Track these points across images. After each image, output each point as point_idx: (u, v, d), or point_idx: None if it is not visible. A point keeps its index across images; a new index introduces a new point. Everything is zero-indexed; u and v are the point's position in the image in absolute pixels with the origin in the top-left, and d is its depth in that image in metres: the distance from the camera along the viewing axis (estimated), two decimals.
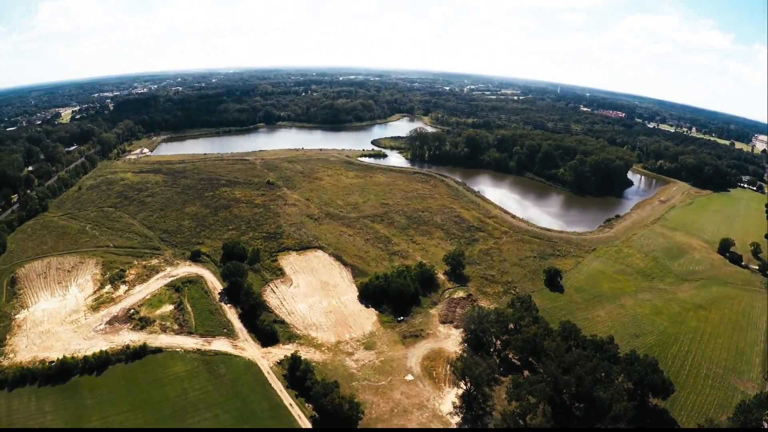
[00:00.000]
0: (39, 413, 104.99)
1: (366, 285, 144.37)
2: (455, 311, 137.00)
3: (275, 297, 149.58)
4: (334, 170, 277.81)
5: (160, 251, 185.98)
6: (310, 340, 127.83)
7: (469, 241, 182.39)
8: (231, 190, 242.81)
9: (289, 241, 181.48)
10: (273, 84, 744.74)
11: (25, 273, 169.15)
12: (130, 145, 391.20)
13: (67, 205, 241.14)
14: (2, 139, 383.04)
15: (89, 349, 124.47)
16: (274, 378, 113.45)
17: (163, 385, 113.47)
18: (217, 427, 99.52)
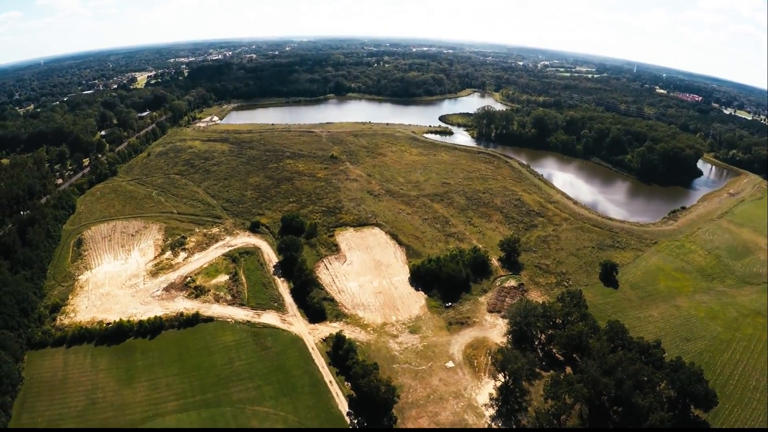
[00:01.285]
0: (93, 370, 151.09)
1: (418, 267, 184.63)
2: (504, 300, 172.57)
3: (328, 273, 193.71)
4: (398, 146, 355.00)
5: (221, 220, 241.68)
6: (357, 319, 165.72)
7: (528, 227, 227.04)
8: (294, 163, 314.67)
9: (347, 216, 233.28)
10: (346, 54, 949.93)
11: (91, 235, 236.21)
12: (200, 112, 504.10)
13: (136, 171, 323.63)
14: (78, 104, 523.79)
15: (145, 314, 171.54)
16: (318, 354, 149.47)
17: (211, 353, 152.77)
18: (258, 396, 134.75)
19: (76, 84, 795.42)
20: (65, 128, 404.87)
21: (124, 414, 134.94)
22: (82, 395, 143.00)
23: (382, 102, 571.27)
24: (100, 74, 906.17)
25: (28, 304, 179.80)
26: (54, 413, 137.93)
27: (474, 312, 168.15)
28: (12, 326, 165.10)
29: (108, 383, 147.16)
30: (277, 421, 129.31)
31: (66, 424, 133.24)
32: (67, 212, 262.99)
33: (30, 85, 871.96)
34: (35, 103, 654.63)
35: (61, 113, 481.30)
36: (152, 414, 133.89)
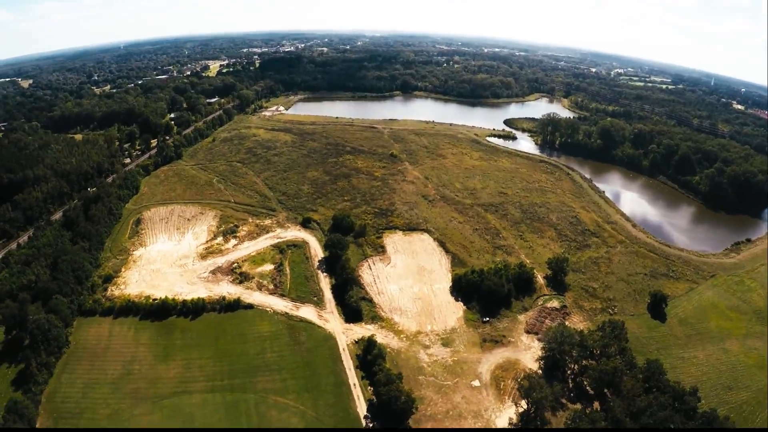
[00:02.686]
0: (134, 343, 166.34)
1: (460, 277, 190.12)
2: (544, 322, 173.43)
3: (370, 274, 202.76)
4: (459, 148, 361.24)
5: (274, 213, 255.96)
6: (392, 324, 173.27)
7: (580, 246, 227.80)
8: (354, 159, 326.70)
9: (398, 220, 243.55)
10: (416, 51, 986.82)
11: (150, 215, 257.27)
12: (267, 102, 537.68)
13: (200, 156, 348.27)
14: (151, 87, 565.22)
15: (189, 294, 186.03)
16: (348, 356, 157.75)
17: (246, 340, 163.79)
18: (282, 388, 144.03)
19: (152, 69, 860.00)
20: (137, 109, 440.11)
21: (155, 387, 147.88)
22: (120, 365, 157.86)
23: (447, 102, 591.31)
24: (175, 60, 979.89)
25: (83, 273, 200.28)
26: (91, 378, 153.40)
27: (511, 330, 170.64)
28: (66, 292, 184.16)
29: (146, 357, 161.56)
30: (295, 414, 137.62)
31: (100, 390, 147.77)
32: (131, 192, 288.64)
33: (108, 67, 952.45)
34: (112, 84, 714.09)
35: (134, 95, 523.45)
36: (180, 391, 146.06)
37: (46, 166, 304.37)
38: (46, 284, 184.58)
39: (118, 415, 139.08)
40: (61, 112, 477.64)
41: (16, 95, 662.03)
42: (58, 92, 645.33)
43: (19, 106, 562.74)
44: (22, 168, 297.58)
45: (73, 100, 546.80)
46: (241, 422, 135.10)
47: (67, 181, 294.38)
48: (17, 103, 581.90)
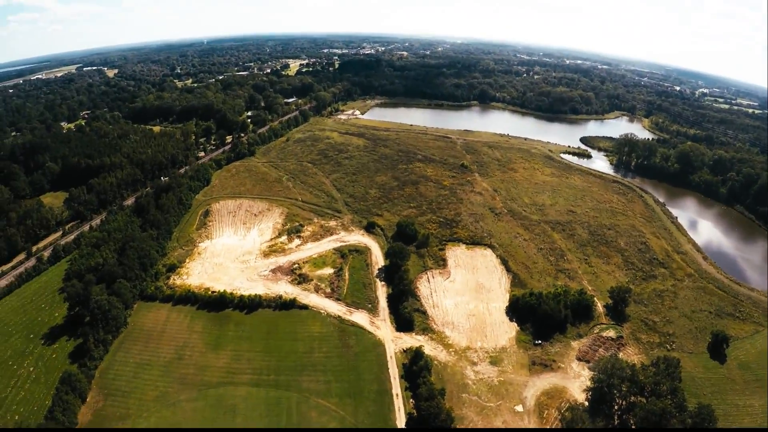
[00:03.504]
0: (188, 330, 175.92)
1: (517, 298, 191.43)
2: (597, 351, 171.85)
3: (428, 287, 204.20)
4: (531, 163, 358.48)
5: (340, 215, 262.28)
6: (442, 338, 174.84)
7: (646, 276, 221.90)
8: (424, 167, 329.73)
9: (462, 232, 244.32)
10: (496, 60, 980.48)
11: (218, 208, 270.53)
12: (344, 104, 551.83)
13: (272, 154, 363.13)
14: (230, 84, 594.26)
15: (248, 290, 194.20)
16: (394, 364, 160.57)
17: (296, 339, 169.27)
18: (325, 390, 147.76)
19: (233, 65, 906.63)
20: (215, 105, 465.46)
21: (203, 375, 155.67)
22: (173, 349, 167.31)
23: (524, 115, 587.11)
24: (256, 57, 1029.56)
25: (149, 260, 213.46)
26: (144, 359, 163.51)
27: (562, 356, 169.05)
28: (130, 277, 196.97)
29: (197, 344, 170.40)
30: (335, 418, 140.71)
31: (151, 372, 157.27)
32: (201, 184, 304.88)
33: (191, 61, 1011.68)
34: (193, 78, 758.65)
35: (214, 91, 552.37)
36: (227, 381, 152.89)
37: (123, 154, 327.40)
38: (112, 268, 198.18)
39: (165, 398, 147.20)
40: (142, 103, 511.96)
41: (101, 84, 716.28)
42: (141, 83, 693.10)
43: (103, 95, 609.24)
44: (100, 155, 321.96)
45: (155, 92, 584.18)
46: (280, 420, 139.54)
47: (141, 170, 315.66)
48: (102, 93, 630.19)
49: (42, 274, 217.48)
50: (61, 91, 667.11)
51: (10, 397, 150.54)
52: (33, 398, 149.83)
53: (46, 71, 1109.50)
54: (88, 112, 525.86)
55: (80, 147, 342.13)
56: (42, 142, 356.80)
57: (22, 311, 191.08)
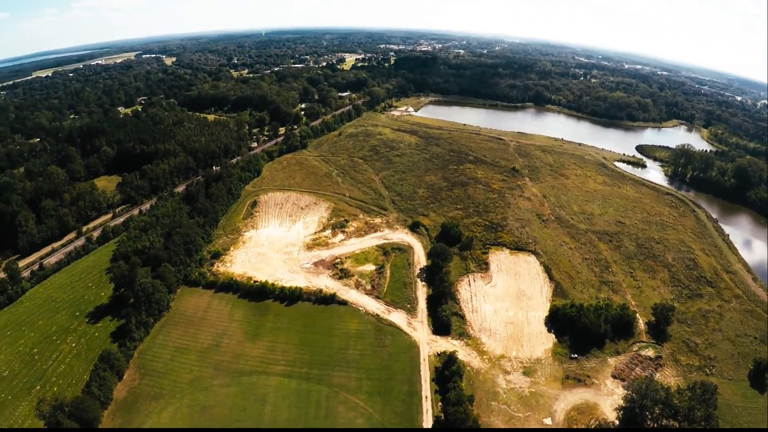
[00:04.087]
0: (228, 318, 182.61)
1: (557, 309, 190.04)
2: (634, 369, 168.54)
3: (468, 290, 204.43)
4: (583, 170, 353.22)
5: (386, 212, 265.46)
6: (478, 344, 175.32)
7: (692, 295, 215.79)
8: (474, 168, 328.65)
9: (507, 237, 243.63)
10: (553, 62, 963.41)
11: (266, 200, 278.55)
12: (398, 101, 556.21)
13: (324, 148, 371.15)
14: (285, 76, 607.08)
15: (289, 282, 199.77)
16: (426, 367, 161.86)
17: (332, 334, 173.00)
18: (356, 387, 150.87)
19: (289, 57, 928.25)
20: (269, 96, 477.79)
21: (238, 362, 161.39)
22: (211, 336, 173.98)
23: (580, 120, 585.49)
24: (313, 50, 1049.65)
25: (194, 246, 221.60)
26: (182, 343, 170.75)
27: (597, 372, 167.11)
28: (175, 262, 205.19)
29: (236, 333, 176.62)
30: (362, 415, 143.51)
31: (188, 356, 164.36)
32: (252, 175, 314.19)
33: (248, 52, 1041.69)
34: (249, 69, 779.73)
35: (269, 82, 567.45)
36: (260, 371, 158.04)
37: (177, 141, 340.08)
38: (158, 252, 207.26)
39: (199, 381, 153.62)
40: (198, 92, 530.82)
41: (159, 72, 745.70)
42: (198, 72, 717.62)
43: (160, 82, 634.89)
44: (154, 141, 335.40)
45: (211, 81, 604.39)
46: (308, 412, 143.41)
47: (194, 158, 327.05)
48: (159, 80, 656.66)
49: (90, 253, 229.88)
50: (120, 77, 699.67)
51: (51, 369, 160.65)
52: (72, 372, 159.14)
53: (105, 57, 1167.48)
54: (145, 99, 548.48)
55: (135, 132, 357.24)
56: (99, 126, 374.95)
57: (70, 289, 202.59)
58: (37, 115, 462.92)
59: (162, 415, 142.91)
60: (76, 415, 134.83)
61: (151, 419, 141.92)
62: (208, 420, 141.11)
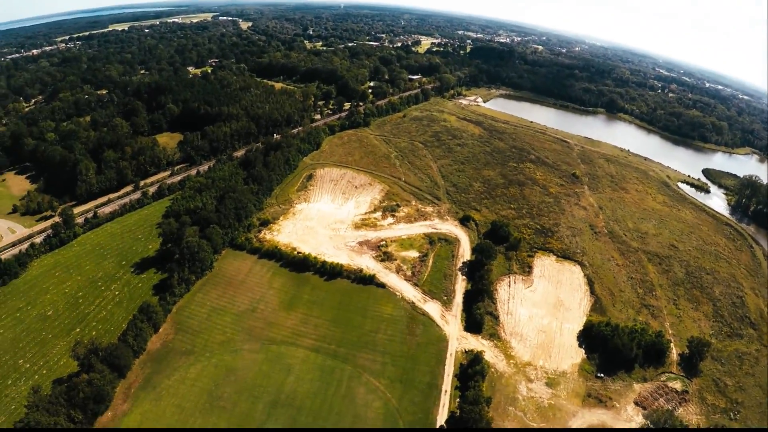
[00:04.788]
0: (267, 285, 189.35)
1: (592, 325, 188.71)
2: (658, 400, 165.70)
3: (507, 291, 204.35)
4: (644, 186, 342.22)
5: (439, 202, 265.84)
6: (507, 347, 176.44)
7: (731, 334, 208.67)
8: (534, 169, 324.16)
9: (556, 244, 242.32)
10: (632, 71, 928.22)
11: (322, 174, 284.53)
12: (467, 90, 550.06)
13: (386, 128, 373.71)
14: (358, 53, 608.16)
15: (331, 257, 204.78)
16: (452, 362, 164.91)
17: (365, 315, 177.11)
18: (379, 371, 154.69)
19: (365, 33, 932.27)
20: (339, 71, 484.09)
21: (270, 330, 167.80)
22: (248, 301, 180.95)
23: (650, 133, 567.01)
24: (389, 29, 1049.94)
25: (245, 212, 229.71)
26: (219, 304, 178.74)
27: (620, 396, 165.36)
28: (223, 225, 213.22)
29: (272, 300, 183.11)
30: (380, 399, 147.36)
31: (223, 317, 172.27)
32: (311, 147, 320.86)
33: (325, 24, 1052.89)
34: (324, 41, 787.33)
35: (341, 57, 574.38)
36: (289, 342, 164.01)
37: (241, 106, 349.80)
38: (209, 214, 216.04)
39: (230, 344, 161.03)
40: (269, 60, 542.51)
41: (233, 35, 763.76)
42: (272, 39, 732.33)
43: (233, 46, 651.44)
44: (219, 104, 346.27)
45: (283, 50, 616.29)
46: (329, 389, 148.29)
47: (256, 124, 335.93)
48: (232, 44, 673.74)
49: (144, 207, 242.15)
50: (194, 37, 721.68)
51: (93, 314, 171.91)
52: (112, 319, 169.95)
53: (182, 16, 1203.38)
54: (216, 61, 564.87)
55: (202, 93, 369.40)
56: (166, 83, 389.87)
57: (120, 239, 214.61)
58: (108, 67, 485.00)
59: (189, 371, 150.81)
60: (108, 361, 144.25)
61: (179, 373, 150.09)
62: (232, 382, 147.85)
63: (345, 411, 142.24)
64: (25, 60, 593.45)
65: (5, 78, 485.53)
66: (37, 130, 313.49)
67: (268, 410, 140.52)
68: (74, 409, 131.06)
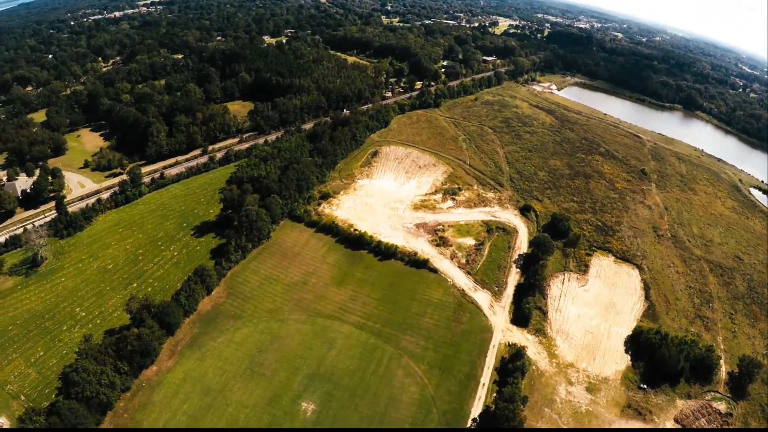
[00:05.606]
0: (321, 258, 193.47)
1: (640, 332, 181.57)
2: (699, 420, 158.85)
3: (559, 288, 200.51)
4: (714, 189, 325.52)
5: (501, 189, 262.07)
6: (551, 345, 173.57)
7: None
8: (602, 162, 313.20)
9: (616, 244, 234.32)
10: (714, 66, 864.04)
11: (387, 152, 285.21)
12: (542, 75, 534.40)
13: (456, 110, 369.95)
14: (433, 31, 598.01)
15: (387, 238, 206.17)
16: (493, 354, 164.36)
17: (414, 298, 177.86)
18: (419, 355, 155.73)
19: (443, 11, 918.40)
20: (413, 49, 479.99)
21: (318, 304, 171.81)
22: (301, 273, 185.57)
23: (727, 134, 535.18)
24: (468, 8, 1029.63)
25: (306, 184, 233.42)
26: (272, 273, 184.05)
27: (660, 410, 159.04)
28: (284, 195, 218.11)
29: (324, 275, 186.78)
30: (416, 384, 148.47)
31: (274, 286, 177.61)
32: (379, 125, 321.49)
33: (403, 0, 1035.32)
34: (400, 17, 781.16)
35: (416, 35, 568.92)
36: (335, 316, 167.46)
37: (312, 79, 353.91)
38: (271, 183, 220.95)
39: (278, 312, 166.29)
40: (344, 33, 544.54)
41: (311, 7, 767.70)
42: (349, 13, 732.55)
43: (309, 18, 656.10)
44: (291, 75, 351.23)
45: (359, 25, 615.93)
46: (368, 367, 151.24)
47: (326, 98, 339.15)
48: (309, 15, 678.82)
49: (210, 171, 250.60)
50: (272, 7, 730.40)
51: (150, 271, 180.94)
52: (168, 278, 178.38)
53: None
54: (292, 32, 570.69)
55: (275, 64, 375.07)
56: (241, 52, 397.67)
57: (183, 201, 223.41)
58: (186, 33, 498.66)
59: (235, 335, 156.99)
60: (159, 318, 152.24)
61: (225, 336, 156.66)
62: (275, 350, 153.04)
63: (381, 391, 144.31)
64: (107, 21, 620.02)
65: (86, 38, 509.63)
66: (113, 91, 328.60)
67: (306, 382, 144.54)
68: (121, 361, 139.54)
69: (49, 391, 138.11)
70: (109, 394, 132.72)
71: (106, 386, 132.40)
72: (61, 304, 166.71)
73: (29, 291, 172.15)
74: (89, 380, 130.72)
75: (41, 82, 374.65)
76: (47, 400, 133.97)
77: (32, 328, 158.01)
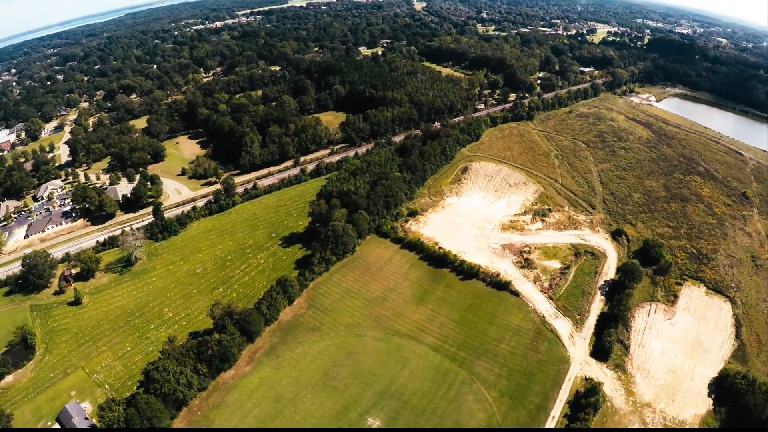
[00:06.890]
0: (403, 276, 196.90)
1: (727, 375, 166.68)
2: None
3: (644, 321, 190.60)
4: None
5: (593, 211, 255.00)
6: (630, 383, 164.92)
7: None
8: (701, 183, 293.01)
9: (710, 273, 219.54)
10: None
11: (477, 168, 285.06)
12: (641, 87, 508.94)
13: (549, 123, 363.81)
14: (529, 41, 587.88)
15: (471, 257, 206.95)
16: (568, 387, 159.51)
17: (492, 322, 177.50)
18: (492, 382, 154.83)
19: (539, 18, 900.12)
20: (508, 60, 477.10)
21: (396, 321, 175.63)
22: (381, 288, 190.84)
23: None
24: (564, 14, 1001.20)
25: (394, 200, 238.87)
26: (354, 287, 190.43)
27: None
28: (372, 211, 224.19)
29: (404, 292, 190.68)
30: (485, 411, 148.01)
31: (354, 300, 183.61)
32: (470, 138, 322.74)
33: (499, 7, 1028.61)
34: (496, 25, 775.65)
35: (511, 45, 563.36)
36: (412, 336, 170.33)
37: (405, 92, 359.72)
38: (359, 199, 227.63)
39: (355, 328, 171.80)
40: (439, 44, 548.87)
41: (406, 16, 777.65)
42: (444, 22, 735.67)
43: (405, 27, 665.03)
44: (384, 88, 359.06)
45: (454, 34, 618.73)
46: (439, 390, 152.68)
47: (418, 111, 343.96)
48: (404, 25, 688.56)
49: (301, 183, 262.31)
50: (368, 16, 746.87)
51: (237, 277, 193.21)
52: (253, 285, 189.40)
53: None
54: (388, 42, 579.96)
55: (369, 77, 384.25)
56: (336, 64, 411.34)
57: (274, 212, 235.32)
58: (284, 44, 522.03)
59: (312, 347, 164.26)
60: (240, 325, 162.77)
61: (303, 347, 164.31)
62: (349, 365, 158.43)
63: (448, 415, 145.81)
64: (208, 32, 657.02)
65: (189, 49, 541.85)
66: (211, 101, 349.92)
67: (376, 398, 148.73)
68: (201, 363, 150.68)
69: (131, 384, 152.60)
70: (186, 392, 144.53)
71: (183, 385, 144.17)
72: (151, 303, 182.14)
73: (122, 288, 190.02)
74: (168, 379, 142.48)
75: (145, 90, 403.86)
76: (129, 392, 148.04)
77: (122, 324, 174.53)
